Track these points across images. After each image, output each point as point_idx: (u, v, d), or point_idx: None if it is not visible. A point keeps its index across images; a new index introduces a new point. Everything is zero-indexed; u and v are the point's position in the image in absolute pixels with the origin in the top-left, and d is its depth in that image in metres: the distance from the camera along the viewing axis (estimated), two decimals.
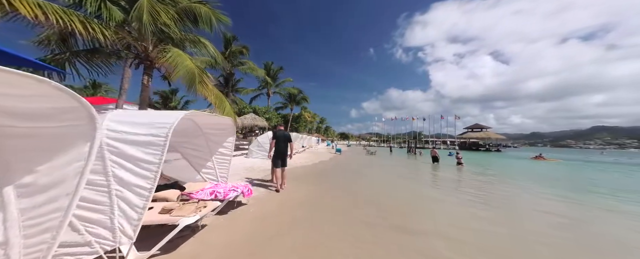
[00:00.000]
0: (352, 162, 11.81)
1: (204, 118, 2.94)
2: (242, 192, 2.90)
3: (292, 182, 5.10)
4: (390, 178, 7.10)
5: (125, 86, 7.64)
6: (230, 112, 8.61)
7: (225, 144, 3.36)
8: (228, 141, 3.38)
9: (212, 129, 3.22)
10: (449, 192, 5.08)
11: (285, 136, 4.34)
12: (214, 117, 3.06)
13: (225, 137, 3.35)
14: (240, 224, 2.58)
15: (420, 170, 9.66)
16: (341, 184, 5.43)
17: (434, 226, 2.82)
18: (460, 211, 3.60)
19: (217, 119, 3.14)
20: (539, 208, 4.00)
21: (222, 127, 3.25)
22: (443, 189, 5.52)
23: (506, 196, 4.98)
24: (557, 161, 19.05)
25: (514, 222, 3.19)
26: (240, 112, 17.85)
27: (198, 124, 3.03)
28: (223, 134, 3.32)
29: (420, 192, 5.05)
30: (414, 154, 24.16)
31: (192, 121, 2.88)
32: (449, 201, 4.29)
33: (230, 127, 3.31)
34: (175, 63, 5.22)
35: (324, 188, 4.86)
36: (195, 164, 3.20)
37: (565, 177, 9.29)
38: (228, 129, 3.31)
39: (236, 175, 5.45)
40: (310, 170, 7.70)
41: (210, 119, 3.02)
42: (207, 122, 3.09)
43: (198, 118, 2.90)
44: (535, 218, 3.45)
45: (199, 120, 2.97)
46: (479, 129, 48.49)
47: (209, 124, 3.14)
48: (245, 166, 6.88)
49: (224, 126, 3.26)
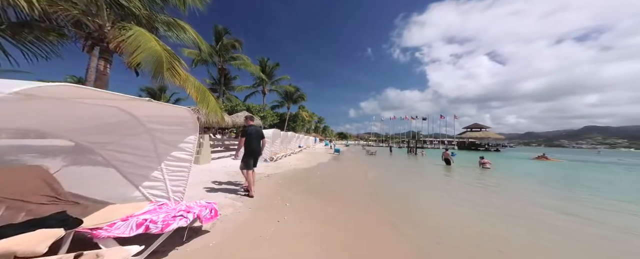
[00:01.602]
0: (354, 165, 10.85)
1: (144, 108, 1.94)
2: (197, 216, 1.91)
3: (288, 193, 4.14)
4: (414, 187, 6.05)
5: (91, 77, 6.54)
6: (216, 109, 7.58)
7: (183, 146, 2.36)
8: (187, 141, 2.38)
9: (161, 124, 2.21)
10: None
11: (258, 132, 3.76)
12: (162, 107, 2.05)
13: (183, 135, 2.36)
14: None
15: (445, 176, 8.38)
16: (355, 200, 4.03)
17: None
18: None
19: (169, 109, 2.13)
20: None
21: (176, 121, 2.26)
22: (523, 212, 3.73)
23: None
24: (561, 162, 18.52)
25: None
26: (232, 109, 16.74)
27: (135, 115, 2.02)
28: (179, 132, 2.32)
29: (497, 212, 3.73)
30: (415, 155, 23.46)
31: (119, 109, 1.85)
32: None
33: (189, 122, 2.31)
34: (137, 44, 4.18)
35: (335, 208, 3.44)
36: (130, 176, 2.14)
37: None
38: (186, 125, 2.31)
39: (213, 183, 4.45)
40: (308, 175, 6.71)
41: (155, 109, 2.02)
42: (152, 114, 2.09)
43: (133, 107, 1.89)
44: None
45: (136, 109, 1.96)
46: (478, 129, 48.25)
47: (155, 117, 2.14)
48: (229, 170, 5.87)
49: (180, 119, 2.26)
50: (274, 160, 8.67)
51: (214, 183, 4.40)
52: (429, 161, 14.82)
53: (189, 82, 6.63)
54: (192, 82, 6.88)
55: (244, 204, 3.31)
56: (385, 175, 8.05)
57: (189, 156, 2.39)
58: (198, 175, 4.99)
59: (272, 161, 8.50)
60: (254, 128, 3.69)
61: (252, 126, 3.70)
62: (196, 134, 2.44)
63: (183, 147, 2.38)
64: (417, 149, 25.30)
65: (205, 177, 4.81)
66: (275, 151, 10.29)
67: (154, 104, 1.82)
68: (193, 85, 6.92)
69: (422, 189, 5.75)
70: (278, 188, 4.54)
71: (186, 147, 2.39)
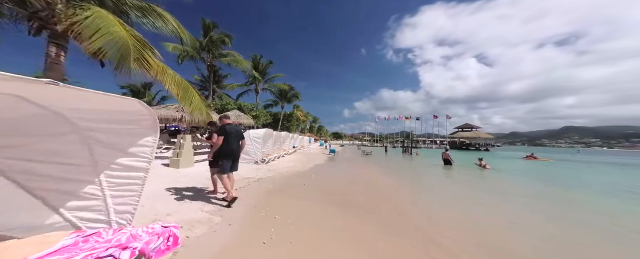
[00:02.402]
0: (352, 167, 10.41)
1: (74, 100, 1.32)
2: (140, 252, 1.34)
3: (280, 201, 3.59)
4: (430, 191, 5.67)
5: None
6: (201, 106, 6.88)
7: (135, 150, 1.77)
8: (142, 143, 1.79)
9: (102, 122, 1.62)
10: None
11: (238, 132, 3.34)
12: (101, 99, 1.44)
13: (136, 137, 1.76)
14: None
15: (451, 177, 8.17)
16: (363, 210, 3.45)
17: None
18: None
19: (114, 102, 1.52)
20: None
21: (125, 118, 1.66)
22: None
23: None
24: (550, 161, 19.07)
25: None
26: (223, 108, 15.87)
27: (54, 109, 1.41)
28: (129, 133, 1.73)
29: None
30: (410, 154, 23.49)
31: (21, 99, 1.23)
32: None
33: (144, 119, 1.71)
34: (96, 27, 3.48)
35: (340, 220, 2.92)
36: (44, 193, 1.45)
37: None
38: (141, 122, 1.72)
39: (189, 191, 3.82)
40: (302, 179, 6.18)
41: (91, 101, 1.41)
42: (85, 107, 1.50)
43: (50, 96, 1.27)
44: None
45: (56, 100, 1.35)
46: (469, 129, 49.53)
47: (91, 113, 1.55)
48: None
49: (130, 115, 1.67)
50: (266, 162, 8.07)
51: (190, 192, 3.78)
52: (427, 162, 14.67)
53: (167, 76, 5.90)
54: (172, 76, 6.14)
55: (223, 219, 2.73)
56: (390, 176, 7.66)
57: (144, 164, 1.81)
58: (174, 182, 4.34)
59: (264, 163, 7.89)
60: (233, 127, 3.25)
61: (230, 124, 3.26)
62: (156, 134, 1.85)
63: (136, 152, 1.79)
64: (411, 149, 25.40)
65: (182, 184, 4.17)
66: (267, 152, 9.67)
67: (87, 95, 1.23)
68: (173, 79, 6.18)
69: (445, 195, 5.17)
70: (268, 195, 3.99)
71: (141, 152, 1.80)
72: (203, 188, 4.00)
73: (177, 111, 8.71)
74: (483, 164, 10.82)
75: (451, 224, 3.08)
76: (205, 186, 4.14)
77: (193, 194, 3.68)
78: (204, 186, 4.19)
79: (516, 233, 2.91)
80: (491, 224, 3.21)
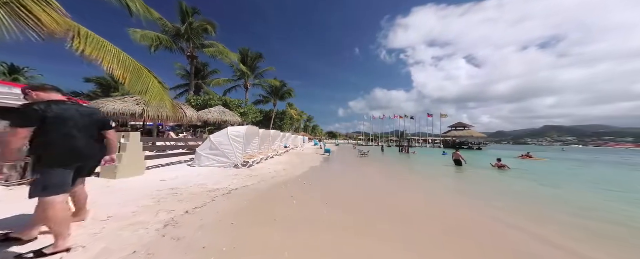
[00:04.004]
0: (354, 171, 9.12)
1: None
2: None
3: (246, 235, 2.22)
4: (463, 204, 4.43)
5: None
6: (162, 95, 5.34)
7: None
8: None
9: None
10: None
11: (84, 114, 1.74)
12: None
13: None
14: None
15: (475, 182, 7.06)
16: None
17: None
18: None
19: None
20: None
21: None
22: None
23: None
24: (545, 161, 18.86)
25: None
26: (205, 104, 14.12)
27: None
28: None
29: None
30: (407, 154, 22.78)
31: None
32: None
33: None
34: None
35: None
36: None
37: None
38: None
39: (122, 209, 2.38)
40: (291, 189, 4.82)
41: None
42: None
43: None
44: None
45: None
46: (462, 128, 50.06)
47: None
48: (164, 188, 3.77)
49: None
50: (249, 166, 6.64)
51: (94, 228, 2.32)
52: (432, 162, 13.76)
53: (99, 49, 4.32)
54: (113, 54, 4.58)
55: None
56: (404, 182, 6.42)
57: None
58: (100, 200, 2.86)
59: (246, 167, 6.46)
60: (70, 107, 1.67)
61: (66, 103, 1.68)
62: None
63: None
64: (408, 149, 24.75)
65: (96, 207, 2.69)
66: (252, 153, 8.21)
67: None
68: (115, 57, 4.60)
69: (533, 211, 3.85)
70: (234, 220, 2.60)
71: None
72: (124, 216, 2.54)
73: (138, 103, 7.06)
74: (501, 164, 10.03)
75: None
76: (134, 209, 2.68)
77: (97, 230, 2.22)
78: (128, 211, 2.73)
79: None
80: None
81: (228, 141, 6.27)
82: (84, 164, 1.80)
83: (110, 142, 1.96)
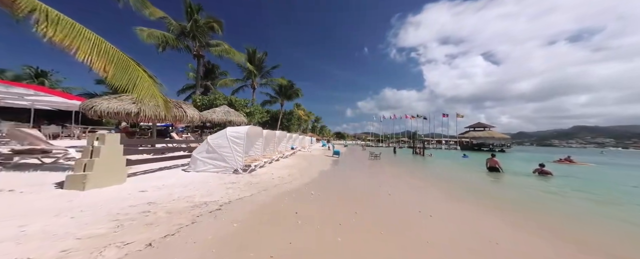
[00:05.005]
0: (370, 174, 8.14)
1: None
2: None
3: None
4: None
5: None
6: (153, 91, 4.71)
7: None
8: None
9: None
10: None
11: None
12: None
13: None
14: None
15: (530, 198, 5.68)
16: None
17: None
18: None
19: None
20: None
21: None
22: None
23: None
24: (590, 166, 16.38)
25: None
26: (210, 104, 13.77)
27: None
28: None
29: None
30: (422, 156, 21.21)
31: None
32: None
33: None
34: None
35: None
36: None
37: None
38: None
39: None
40: (298, 205, 3.97)
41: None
42: None
43: None
44: None
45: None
46: (482, 128, 46.49)
47: None
48: (139, 203, 3.04)
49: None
50: (250, 170, 5.88)
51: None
52: (455, 166, 12.32)
53: (71, 34, 3.69)
54: (87, 38, 3.94)
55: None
56: (440, 196, 5.29)
57: None
58: (38, 224, 2.17)
59: (247, 172, 5.70)
60: None
61: None
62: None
63: None
64: (423, 150, 23.03)
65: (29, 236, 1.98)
66: (254, 156, 7.49)
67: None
68: (95, 46, 3.98)
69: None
70: (212, 257, 1.78)
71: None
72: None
73: (134, 102, 6.57)
74: (545, 171, 8.55)
75: None
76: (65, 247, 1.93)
77: None
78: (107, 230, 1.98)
79: None
80: None
81: (227, 143, 5.55)
82: None
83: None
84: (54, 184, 3.21)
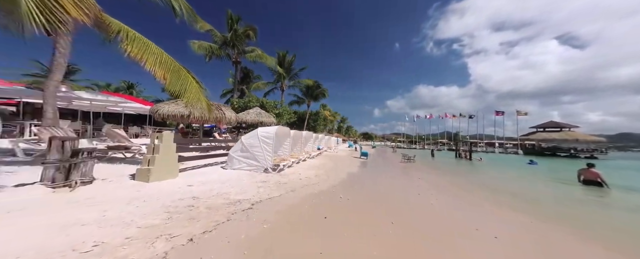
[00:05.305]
0: (405, 179, 7.41)
1: None
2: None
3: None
4: None
5: (59, 62, 5.03)
6: (199, 96, 5.33)
7: None
8: None
9: None
10: None
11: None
12: None
13: None
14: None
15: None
16: None
17: None
18: None
19: None
20: None
21: None
22: None
23: None
24: None
25: None
26: (245, 106, 15.10)
27: None
28: None
29: None
30: (469, 160, 18.13)
31: None
32: None
33: None
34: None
35: None
36: None
37: None
38: None
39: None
40: (326, 206, 3.78)
41: None
42: None
43: None
44: None
45: None
46: (557, 129, 36.47)
47: None
48: (186, 196, 3.37)
49: None
50: (279, 170, 6.03)
51: None
52: (519, 174, 10.03)
53: (143, 49, 4.43)
54: (154, 52, 4.69)
55: None
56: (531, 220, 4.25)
57: None
58: (115, 211, 2.59)
59: (276, 172, 5.86)
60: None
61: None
62: None
63: None
64: (471, 154, 19.62)
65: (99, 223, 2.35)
66: (283, 156, 7.69)
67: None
68: (157, 58, 4.72)
69: None
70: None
71: None
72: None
73: (185, 105, 7.63)
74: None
75: None
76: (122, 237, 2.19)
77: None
78: (165, 217, 2.26)
79: None
80: None
81: (258, 142, 5.83)
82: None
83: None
84: (129, 176, 3.90)
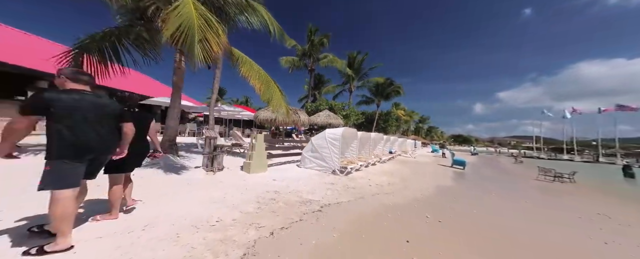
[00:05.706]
0: (552, 211, 4.85)
1: None
2: None
3: None
4: None
5: (216, 86, 8.15)
6: (281, 102, 6.30)
7: None
8: None
9: None
10: None
11: (98, 105, 1.62)
12: None
13: None
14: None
15: None
16: None
17: None
18: None
19: None
20: None
21: None
22: None
23: None
24: None
25: None
26: (316, 109, 16.48)
27: None
28: None
29: None
30: None
31: None
32: None
33: None
34: (177, 12, 3.40)
35: None
36: None
37: None
38: None
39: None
40: (407, 225, 3.11)
41: None
42: None
43: None
44: None
45: None
46: None
47: None
48: (276, 188, 3.90)
49: None
50: (346, 172, 5.76)
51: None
52: None
53: (249, 69, 5.82)
54: (256, 71, 6.04)
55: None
56: None
57: None
58: (226, 196, 3.49)
59: (343, 174, 5.65)
60: (82, 97, 1.55)
61: (76, 92, 1.56)
62: None
63: None
64: None
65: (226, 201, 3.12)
66: (349, 158, 7.35)
67: None
68: (257, 73, 6.09)
69: None
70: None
71: None
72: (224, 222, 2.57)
73: (272, 111, 9.46)
74: None
75: None
76: (232, 217, 2.72)
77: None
78: (259, 203, 2.81)
79: None
80: None
81: (326, 143, 5.92)
82: (95, 157, 1.63)
83: (124, 135, 1.82)
84: (239, 167, 5.23)
